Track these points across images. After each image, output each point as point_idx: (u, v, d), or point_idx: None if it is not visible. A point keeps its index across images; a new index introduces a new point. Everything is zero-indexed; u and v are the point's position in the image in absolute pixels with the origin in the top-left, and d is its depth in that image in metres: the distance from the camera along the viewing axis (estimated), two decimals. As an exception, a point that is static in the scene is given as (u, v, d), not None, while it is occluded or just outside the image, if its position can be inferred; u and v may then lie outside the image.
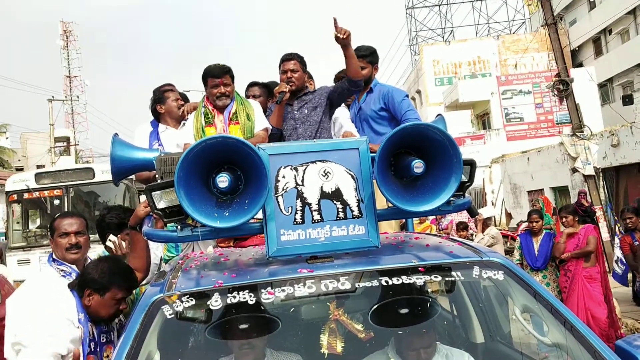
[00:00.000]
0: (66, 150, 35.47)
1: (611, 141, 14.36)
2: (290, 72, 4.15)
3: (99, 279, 2.90)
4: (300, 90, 4.22)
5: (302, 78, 4.23)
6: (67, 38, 56.17)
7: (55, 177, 11.73)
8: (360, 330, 2.47)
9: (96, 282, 2.90)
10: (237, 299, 2.33)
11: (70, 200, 11.43)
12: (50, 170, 12.59)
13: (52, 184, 11.55)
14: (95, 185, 11.66)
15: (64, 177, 11.61)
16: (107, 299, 2.92)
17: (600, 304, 6.89)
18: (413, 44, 41.06)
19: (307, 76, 4.42)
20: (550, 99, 27.26)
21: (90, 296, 2.91)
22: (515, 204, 21.20)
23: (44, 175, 11.84)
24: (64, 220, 3.20)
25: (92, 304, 2.92)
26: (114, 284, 2.91)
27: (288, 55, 4.22)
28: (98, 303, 2.92)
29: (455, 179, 2.50)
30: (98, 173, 11.48)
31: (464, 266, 2.55)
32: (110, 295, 2.92)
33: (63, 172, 11.90)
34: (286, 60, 4.20)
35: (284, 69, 4.18)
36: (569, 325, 2.32)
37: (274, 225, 2.50)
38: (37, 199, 11.62)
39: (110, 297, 2.92)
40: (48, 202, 11.66)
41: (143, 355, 2.19)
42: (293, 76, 4.14)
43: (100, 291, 2.91)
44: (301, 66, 4.21)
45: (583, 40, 33.34)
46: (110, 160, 3.07)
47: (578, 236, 7.12)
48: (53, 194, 11.54)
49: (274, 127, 4.12)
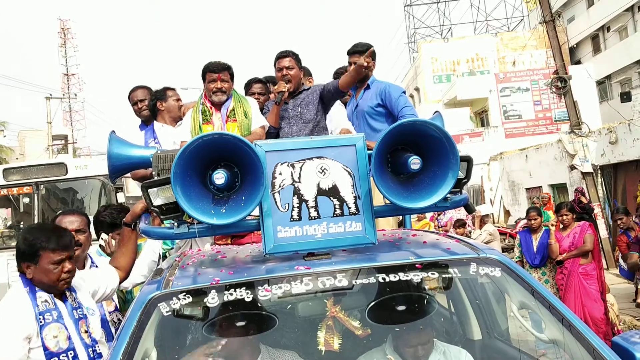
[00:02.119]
0: (64, 148, 35.44)
1: (609, 138, 14.35)
2: (286, 69, 4.14)
3: (23, 247, 2.76)
4: (297, 88, 4.21)
5: (298, 75, 4.21)
6: (64, 36, 56.09)
7: (24, 173, 10.66)
8: (357, 327, 2.46)
9: (23, 253, 2.77)
10: (234, 296, 2.33)
11: (41, 198, 10.45)
12: (19, 166, 11.46)
13: (21, 181, 10.51)
14: (69, 181, 10.76)
15: (34, 173, 10.57)
16: (42, 265, 2.75)
17: (597, 300, 6.89)
18: (411, 41, 41.04)
19: (303, 73, 4.41)
20: (548, 96, 27.29)
21: (28, 269, 2.77)
22: (514, 201, 21.22)
23: (12, 171, 10.74)
24: (65, 218, 3.22)
25: (33, 276, 2.77)
26: (40, 248, 2.75)
27: (283, 52, 4.21)
28: (36, 272, 2.76)
29: (452, 175, 2.50)
30: (71, 168, 10.61)
31: (461, 263, 2.55)
32: (44, 260, 2.75)
33: (33, 168, 10.86)
34: (281, 58, 4.18)
35: (280, 66, 4.17)
36: (566, 322, 2.32)
37: (270, 222, 2.50)
38: (4, 196, 10.72)
39: (45, 262, 2.75)
40: (17, 200, 10.85)
41: (140, 352, 2.19)
42: (289, 73, 4.12)
43: (33, 259, 2.76)
44: (296, 63, 4.20)
45: (581, 37, 33.33)
46: (107, 158, 3.07)
47: (573, 234, 7.12)
48: (22, 191, 10.58)
49: (272, 126, 4.11)
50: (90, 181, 10.68)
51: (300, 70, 4.24)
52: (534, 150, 19.62)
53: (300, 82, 4.28)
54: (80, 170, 10.60)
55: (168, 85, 4.75)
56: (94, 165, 10.71)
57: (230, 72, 4.06)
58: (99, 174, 10.43)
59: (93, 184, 10.73)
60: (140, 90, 4.83)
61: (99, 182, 10.60)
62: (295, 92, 4.23)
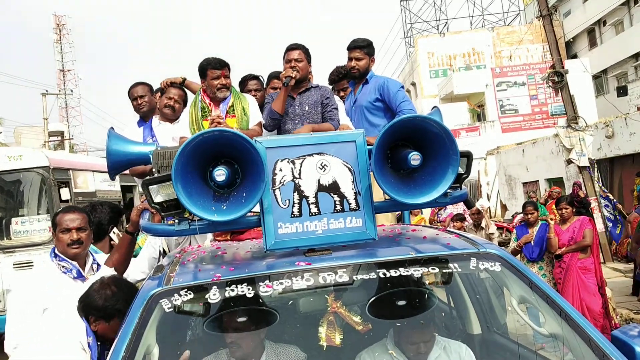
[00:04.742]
0: (60, 144, 35.34)
1: (606, 132, 14.40)
2: (295, 61, 4.09)
3: (103, 307, 2.75)
4: (302, 81, 4.16)
5: (306, 69, 4.16)
6: (60, 32, 55.83)
7: None
8: (358, 322, 2.47)
9: (100, 310, 2.76)
10: (236, 292, 2.33)
11: None
12: None
13: None
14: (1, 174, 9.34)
15: None
16: (112, 325, 2.77)
17: (595, 294, 6.93)
18: (408, 36, 40.98)
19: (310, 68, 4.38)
20: (544, 90, 27.32)
21: (95, 322, 2.78)
22: (511, 196, 21.27)
23: None
24: (65, 216, 3.20)
25: (99, 330, 2.79)
26: (119, 312, 2.73)
27: (293, 45, 4.17)
28: (105, 329, 2.78)
29: (452, 170, 2.51)
30: (2, 159, 9.23)
31: (461, 258, 2.56)
32: (116, 321, 2.74)
33: None
34: (291, 50, 4.14)
35: (289, 58, 4.12)
36: (566, 315, 2.33)
37: (271, 218, 2.50)
38: None
39: (116, 323, 2.74)
40: None
41: (142, 348, 2.20)
42: (297, 65, 4.07)
43: (106, 318, 2.77)
44: (306, 57, 4.15)
45: (577, 31, 33.35)
46: (107, 155, 3.06)
47: (573, 228, 7.14)
48: None
49: (278, 112, 4.06)
50: (26, 174, 9.35)
51: (308, 64, 4.20)
52: (530, 144, 19.66)
53: (307, 78, 4.23)
54: (14, 162, 9.26)
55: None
56: (31, 156, 9.43)
57: (229, 67, 4.07)
58: (37, 166, 9.25)
59: (29, 178, 9.36)
60: (140, 86, 4.82)
61: (38, 176, 9.28)
62: (302, 88, 4.19)
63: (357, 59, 4.49)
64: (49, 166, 9.36)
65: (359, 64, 4.49)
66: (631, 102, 24.83)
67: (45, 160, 9.43)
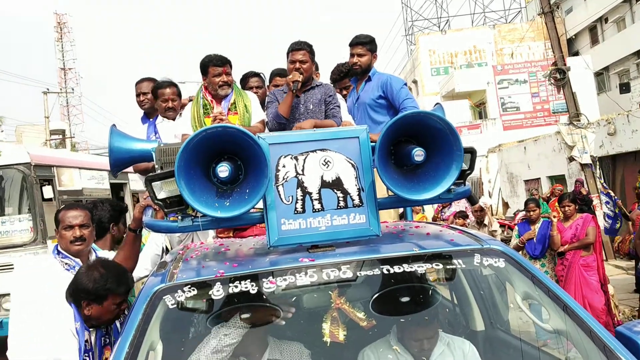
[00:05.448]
0: (62, 143, 35.33)
1: (608, 130, 14.36)
2: (300, 62, 3.98)
3: (93, 289, 2.77)
4: (307, 80, 4.08)
5: (311, 69, 4.07)
6: (61, 30, 55.82)
7: None
8: (362, 318, 2.47)
9: (91, 293, 2.78)
10: (239, 289, 2.33)
11: None
12: None
13: None
14: None
15: None
16: (106, 306, 2.81)
17: (597, 291, 6.92)
18: (409, 34, 40.91)
19: (314, 67, 4.33)
20: (546, 88, 27.26)
21: (88, 307, 2.80)
22: (512, 193, 21.24)
23: None
24: (68, 213, 3.20)
25: (92, 314, 2.82)
26: (110, 291, 2.79)
27: (297, 44, 4.03)
28: (98, 311, 2.82)
29: (456, 166, 2.50)
30: None
31: (465, 254, 2.55)
32: (109, 302, 2.81)
33: None
34: (295, 50, 4.01)
35: (293, 59, 4.00)
36: (570, 311, 2.33)
37: (274, 214, 2.50)
38: None
39: (109, 304, 2.81)
40: None
41: (146, 345, 2.19)
42: (302, 67, 3.97)
43: (98, 300, 2.79)
44: (310, 56, 4.05)
45: (579, 28, 33.28)
46: (109, 152, 3.06)
47: (575, 225, 7.13)
48: None
49: (284, 116, 3.99)
50: (6, 171, 8.84)
51: (312, 63, 4.11)
52: (532, 142, 19.62)
53: (311, 76, 4.16)
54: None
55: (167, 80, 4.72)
56: (11, 152, 8.94)
57: (231, 64, 4.06)
58: (17, 163, 8.77)
59: (9, 175, 8.86)
60: (145, 82, 4.80)
61: (19, 173, 8.78)
62: (306, 87, 4.12)
63: (359, 55, 4.47)
64: (30, 163, 8.79)
65: (361, 60, 4.46)
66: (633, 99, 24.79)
67: (26, 157, 8.86)
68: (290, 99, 3.99)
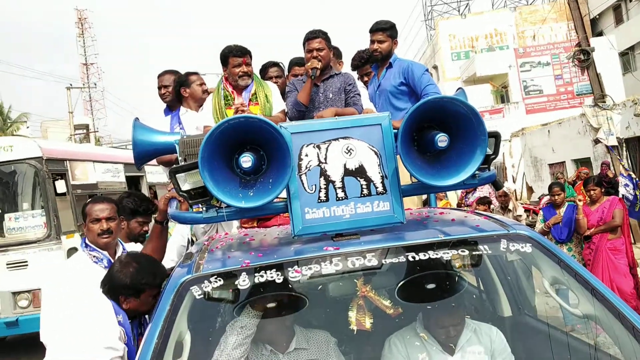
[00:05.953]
0: (86, 137, 35.79)
1: (634, 110, 14.07)
2: (316, 51, 3.95)
3: (131, 284, 2.79)
4: (325, 69, 4.05)
5: (328, 56, 4.05)
6: (82, 26, 56.37)
7: None
8: (388, 306, 2.47)
9: (129, 288, 2.80)
10: (265, 278, 2.34)
11: None
12: None
13: None
14: None
15: None
16: (143, 299, 2.83)
17: (626, 275, 6.82)
18: (428, 19, 40.51)
19: (334, 54, 4.29)
20: (569, 70, 26.84)
21: (126, 301, 2.82)
22: (537, 178, 21.00)
23: None
24: (95, 206, 3.25)
25: (130, 307, 2.84)
26: (147, 285, 2.81)
27: (312, 33, 4.01)
28: (136, 305, 2.84)
29: (481, 151, 2.47)
30: None
31: (491, 239, 2.53)
32: (146, 295, 2.82)
33: None
34: (310, 39, 4.00)
35: (309, 48, 3.99)
36: (600, 295, 2.30)
37: (298, 204, 2.50)
38: None
39: (146, 296, 2.83)
40: None
41: (174, 335, 2.22)
42: (319, 55, 3.95)
43: (135, 294, 2.81)
44: (326, 43, 4.01)
45: (603, 8, 32.55)
46: (132, 145, 3.08)
47: (602, 208, 7.03)
48: None
49: (303, 104, 3.98)
50: (18, 166, 8.68)
51: (330, 50, 4.08)
52: (556, 125, 19.35)
53: (329, 65, 4.13)
54: (5, 153, 8.60)
55: (191, 71, 4.74)
56: (23, 147, 8.77)
57: (251, 55, 4.06)
58: (29, 157, 8.59)
59: (22, 170, 8.72)
60: (167, 75, 4.82)
61: (31, 168, 8.62)
62: (325, 75, 4.10)
63: (379, 42, 4.43)
64: (42, 157, 8.62)
65: (381, 46, 4.43)
66: (660, 79, 24.26)
67: (38, 151, 8.67)
68: (310, 86, 3.98)
